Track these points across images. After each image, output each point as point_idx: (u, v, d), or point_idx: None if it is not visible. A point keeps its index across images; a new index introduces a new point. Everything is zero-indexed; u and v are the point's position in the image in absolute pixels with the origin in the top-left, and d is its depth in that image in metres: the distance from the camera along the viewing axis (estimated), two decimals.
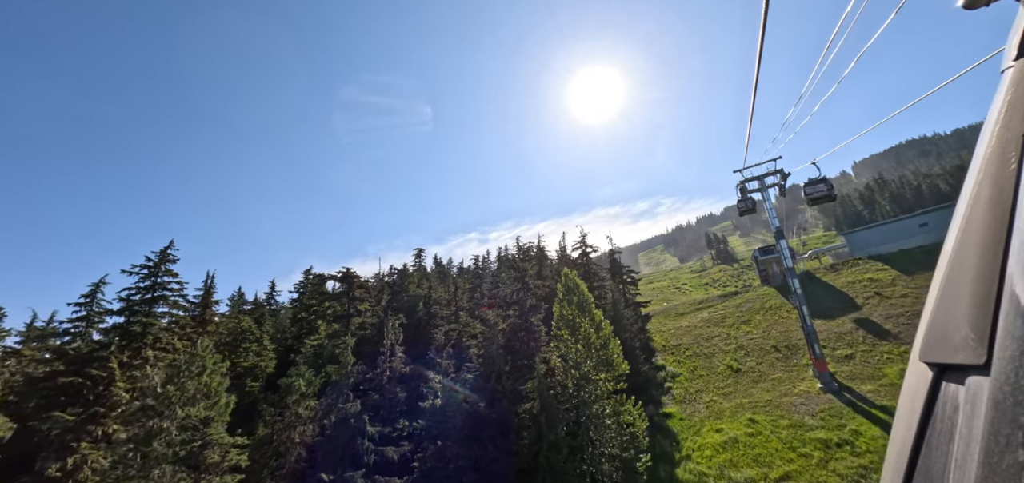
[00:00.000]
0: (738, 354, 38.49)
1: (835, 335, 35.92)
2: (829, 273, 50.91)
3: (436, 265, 61.15)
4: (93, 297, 21.37)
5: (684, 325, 49.51)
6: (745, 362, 36.90)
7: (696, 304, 56.40)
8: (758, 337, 40.71)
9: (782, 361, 35.35)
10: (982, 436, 0.52)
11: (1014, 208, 0.60)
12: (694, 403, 32.82)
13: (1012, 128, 0.67)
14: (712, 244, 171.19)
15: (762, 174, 32.29)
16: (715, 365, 38.06)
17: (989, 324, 0.57)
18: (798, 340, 37.29)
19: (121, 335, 19.39)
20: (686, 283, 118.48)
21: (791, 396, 29.07)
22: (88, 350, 19.14)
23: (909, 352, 0.97)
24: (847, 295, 42.88)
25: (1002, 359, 0.52)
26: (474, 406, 17.84)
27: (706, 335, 44.82)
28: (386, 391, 19.01)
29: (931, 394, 0.72)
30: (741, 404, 30.10)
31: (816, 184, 23.30)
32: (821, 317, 39.52)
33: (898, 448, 0.79)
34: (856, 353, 32.45)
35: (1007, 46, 0.77)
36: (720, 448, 25.13)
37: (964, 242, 0.71)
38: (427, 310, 27.76)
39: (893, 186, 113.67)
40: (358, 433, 16.07)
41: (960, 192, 0.79)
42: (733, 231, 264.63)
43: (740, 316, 46.92)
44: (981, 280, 0.62)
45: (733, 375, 35.47)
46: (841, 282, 46.78)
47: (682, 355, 41.57)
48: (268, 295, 51.14)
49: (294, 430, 16.06)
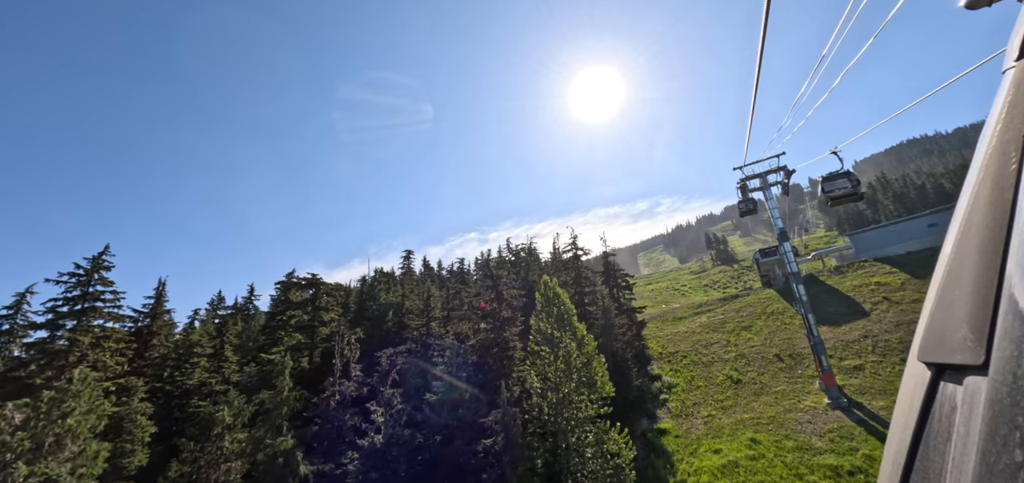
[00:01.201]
0: (738, 363, 36.19)
1: (842, 344, 33.61)
2: (834, 276, 48.59)
3: (424, 268, 58.83)
4: (18, 308, 19.14)
5: (682, 330, 47.17)
6: (746, 372, 34.60)
7: (695, 308, 54.08)
8: (760, 344, 38.41)
9: (785, 371, 33.05)
10: (979, 436, 0.53)
11: (1014, 209, 0.60)
12: (691, 418, 30.53)
13: (1013, 129, 0.66)
14: (712, 244, 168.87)
15: (764, 171, 29.99)
16: (714, 375, 35.77)
17: (987, 325, 0.58)
18: (803, 348, 35.00)
19: (41, 352, 17.15)
20: (686, 285, 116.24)
21: (796, 412, 26.77)
22: (4, 369, 16.87)
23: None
24: (854, 300, 40.56)
25: (1000, 360, 0.52)
26: (428, 442, 15.48)
27: (705, 342, 42.52)
28: (333, 418, 16.62)
29: (929, 394, 0.72)
30: (742, 420, 27.81)
31: (837, 179, 17.33)
32: (826, 324, 37.20)
33: (896, 447, 0.80)
34: (866, 364, 30.15)
35: (1008, 47, 0.76)
36: (718, 473, 22.84)
37: (963, 242, 0.70)
38: (398, 320, 25.33)
39: (897, 185, 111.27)
40: (289, 474, 13.73)
41: (960, 192, 0.77)
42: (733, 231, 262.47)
43: (741, 321, 44.63)
44: (980, 281, 0.62)
45: (733, 386, 33.18)
46: (847, 286, 44.45)
47: (679, 363, 39.27)
48: (247, 299, 48.85)
49: (218, 468, 13.73)
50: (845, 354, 32.12)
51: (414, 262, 61.46)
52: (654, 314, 57.65)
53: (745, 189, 30.73)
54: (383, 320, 25.23)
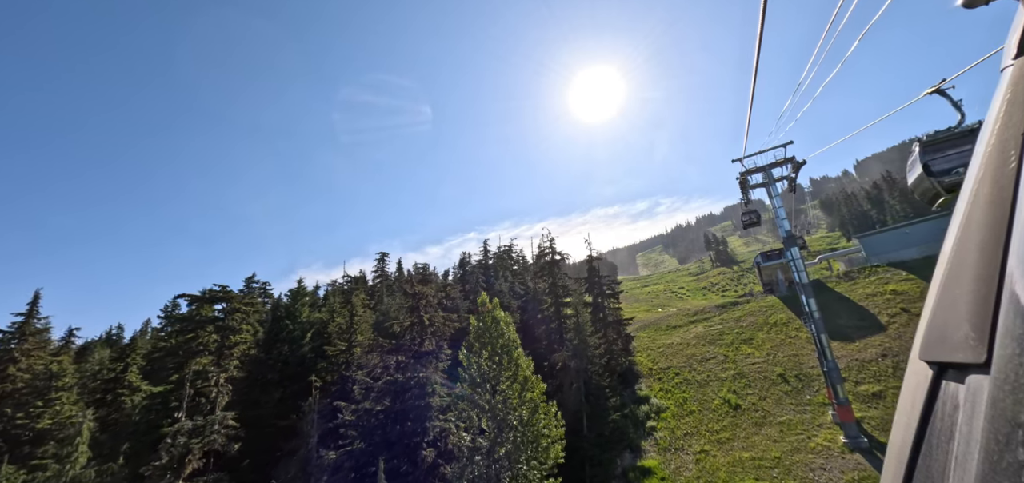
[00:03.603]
0: (737, 384, 31.78)
1: (857, 365, 29.17)
2: (843, 282, 44.08)
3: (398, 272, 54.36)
4: None
5: (676, 342, 42.72)
6: (746, 395, 30.20)
7: (690, 316, 49.57)
8: (762, 361, 34.00)
9: (792, 396, 28.64)
10: (982, 434, 0.53)
11: (1014, 206, 0.61)
12: (682, 452, 26.14)
13: (1012, 126, 0.67)
14: (711, 245, 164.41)
15: (768, 164, 25.52)
16: (709, 397, 31.37)
17: (989, 323, 0.58)
18: (811, 368, 30.58)
19: None
20: (684, 287, 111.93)
21: (805, 453, 22.37)
22: None
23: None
24: (868, 311, 36.10)
25: (1002, 358, 0.52)
26: None
27: (700, 356, 38.10)
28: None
29: (931, 393, 0.72)
30: (740, 460, 23.41)
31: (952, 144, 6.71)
32: (838, 338, 32.74)
33: (898, 447, 0.79)
34: (886, 391, 25.73)
35: (1007, 45, 0.77)
36: None
37: (964, 240, 0.71)
38: (316, 345, 20.86)
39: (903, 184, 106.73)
40: None
41: (960, 190, 0.77)
42: (733, 231, 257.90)
43: (740, 333, 40.20)
44: (981, 279, 0.63)
45: (731, 413, 28.78)
46: (859, 294, 39.99)
47: (671, 382, 34.85)
48: None
49: None
50: (861, 377, 27.69)
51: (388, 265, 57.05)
52: (647, 321, 53.26)
53: (746, 184, 26.33)
54: (299, 345, 20.83)
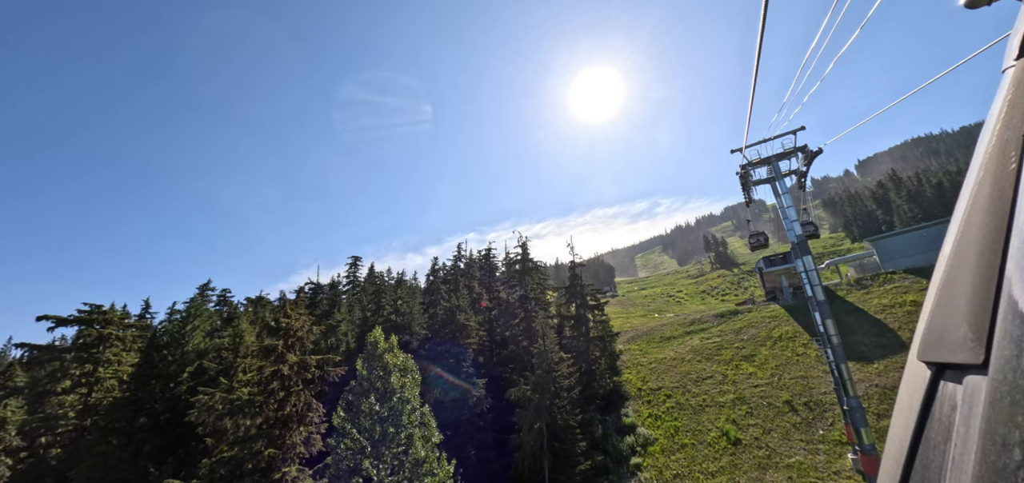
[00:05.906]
0: (737, 411, 27.55)
1: (878, 392, 24.94)
2: (856, 291, 39.77)
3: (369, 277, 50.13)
4: None
5: (669, 356, 38.44)
6: (747, 426, 25.98)
7: (686, 326, 45.26)
8: (765, 384, 29.77)
9: (801, 430, 24.41)
10: (979, 435, 0.53)
11: (1014, 208, 0.60)
12: None
13: (1013, 127, 0.66)
14: (711, 246, 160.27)
15: (775, 155, 21.27)
16: (705, 427, 27.14)
17: (987, 324, 0.58)
18: (823, 394, 26.36)
19: None
20: (682, 290, 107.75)
21: None
22: None
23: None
24: (886, 325, 31.86)
25: (999, 359, 0.52)
26: None
27: (695, 374, 33.86)
28: None
29: (929, 393, 0.72)
30: None
31: None
32: (855, 359, 28.51)
33: (896, 446, 0.79)
34: None
35: (1008, 45, 0.76)
36: None
37: (963, 241, 0.71)
38: (194, 384, 16.52)
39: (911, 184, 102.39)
40: None
41: (960, 191, 0.77)
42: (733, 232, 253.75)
43: (741, 347, 35.94)
44: (980, 280, 0.63)
45: (730, 449, 24.56)
46: (874, 304, 35.72)
47: (661, 406, 30.62)
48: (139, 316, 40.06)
49: None
50: (884, 409, 23.46)
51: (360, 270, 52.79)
52: (639, 330, 48.90)
53: (747, 180, 22.15)
54: (176, 381, 16.66)
